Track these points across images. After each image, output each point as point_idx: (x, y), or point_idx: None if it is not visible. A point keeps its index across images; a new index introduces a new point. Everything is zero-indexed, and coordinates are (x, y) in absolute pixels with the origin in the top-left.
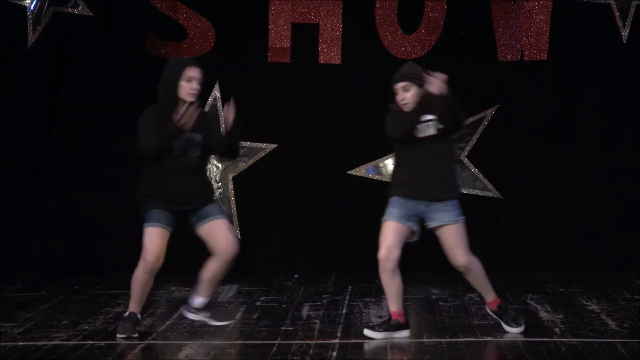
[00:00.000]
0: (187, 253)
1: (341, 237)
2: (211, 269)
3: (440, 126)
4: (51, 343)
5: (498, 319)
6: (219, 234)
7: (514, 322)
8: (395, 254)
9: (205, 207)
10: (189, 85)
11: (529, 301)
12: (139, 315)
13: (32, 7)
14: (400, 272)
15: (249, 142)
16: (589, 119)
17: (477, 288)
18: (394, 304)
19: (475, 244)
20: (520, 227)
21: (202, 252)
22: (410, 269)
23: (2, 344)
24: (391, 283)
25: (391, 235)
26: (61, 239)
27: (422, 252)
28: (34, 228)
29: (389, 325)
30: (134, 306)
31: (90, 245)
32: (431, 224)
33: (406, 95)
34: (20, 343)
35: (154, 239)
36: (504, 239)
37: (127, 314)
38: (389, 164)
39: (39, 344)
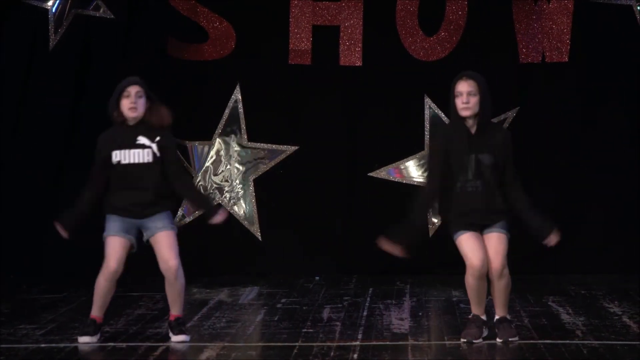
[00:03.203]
0: (208, 255)
1: (362, 239)
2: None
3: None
4: (73, 345)
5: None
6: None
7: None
8: None
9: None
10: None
11: (550, 303)
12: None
13: (53, 10)
14: None
15: (269, 144)
16: (611, 121)
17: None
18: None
19: None
20: None
21: (224, 254)
22: (431, 270)
23: (24, 345)
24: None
25: None
26: (84, 241)
27: (442, 254)
28: (56, 230)
29: None
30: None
31: None
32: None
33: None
34: (42, 345)
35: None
36: (525, 241)
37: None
38: (409, 165)
39: (60, 345)
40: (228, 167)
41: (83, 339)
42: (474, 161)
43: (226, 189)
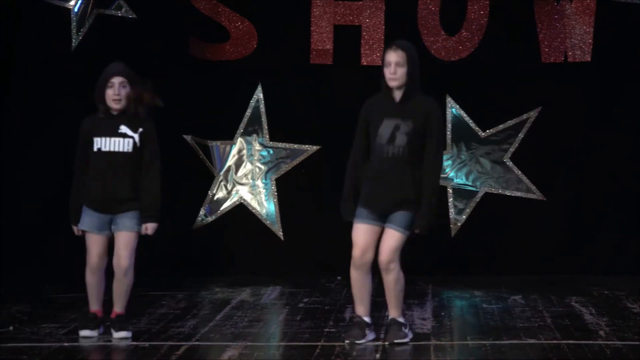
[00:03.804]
0: (230, 255)
1: None
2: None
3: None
4: (95, 344)
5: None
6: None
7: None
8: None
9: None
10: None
11: (573, 304)
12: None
13: (75, 9)
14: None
15: (291, 144)
16: (633, 121)
17: None
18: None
19: (518, 246)
20: (563, 229)
21: (246, 254)
22: (453, 271)
23: (47, 344)
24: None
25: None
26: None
27: (465, 254)
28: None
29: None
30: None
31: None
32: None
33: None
34: (65, 344)
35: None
36: (547, 241)
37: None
38: None
39: (83, 344)
40: (250, 166)
41: (84, 333)
42: (391, 127)
43: (248, 188)
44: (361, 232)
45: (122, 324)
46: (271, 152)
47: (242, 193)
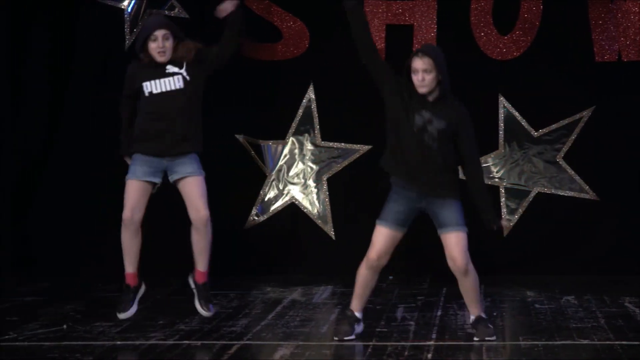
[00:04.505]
0: (281, 254)
1: (437, 239)
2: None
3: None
4: (148, 342)
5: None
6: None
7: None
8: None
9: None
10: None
11: (627, 304)
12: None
13: (129, 9)
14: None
15: (343, 144)
16: None
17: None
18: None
19: (571, 246)
20: (617, 229)
21: (297, 253)
22: (505, 271)
23: (99, 342)
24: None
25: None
26: (158, 239)
27: (517, 255)
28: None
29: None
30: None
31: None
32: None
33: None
34: (118, 342)
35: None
36: (600, 241)
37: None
38: (486, 164)
39: (136, 343)
40: (302, 166)
41: (121, 316)
42: (424, 119)
43: (299, 188)
44: (382, 237)
45: (206, 298)
46: (323, 151)
47: (294, 192)
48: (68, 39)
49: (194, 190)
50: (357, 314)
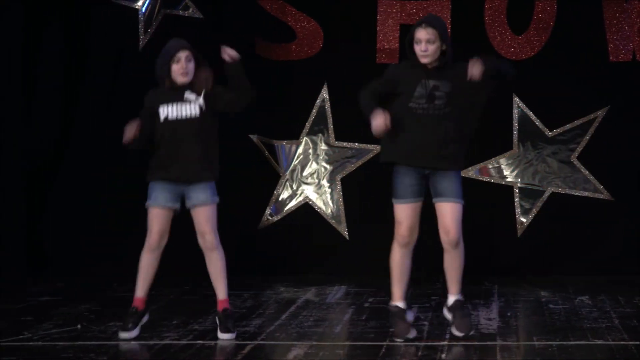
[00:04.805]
0: (295, 254)
1: None
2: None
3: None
4: (162, 342)
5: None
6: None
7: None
8: None
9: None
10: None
11: None
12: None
13: (143, 10)
14: None
15: (357, 144)
16: None
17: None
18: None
19: (585, 246)
20: (631, 229)
21: (311, 253)
22: (519, 271)
23: (114, 342)
24: None
25: None
26: (171, 240)
27: (531, 255)
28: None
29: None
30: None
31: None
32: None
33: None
34: (132, 342)
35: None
36: (614, 241)
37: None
38: (500, 165)
39: (150, 343)
40: (315, 166)
41: (123, 335)
42: (429, 87)
43: (313, 188)
44: (405, 212)
45: (227, 324)
46: (337, 151)
47: (308, 192)
48: (82, 40)
49: (202, 217)
50: (401, 304)
